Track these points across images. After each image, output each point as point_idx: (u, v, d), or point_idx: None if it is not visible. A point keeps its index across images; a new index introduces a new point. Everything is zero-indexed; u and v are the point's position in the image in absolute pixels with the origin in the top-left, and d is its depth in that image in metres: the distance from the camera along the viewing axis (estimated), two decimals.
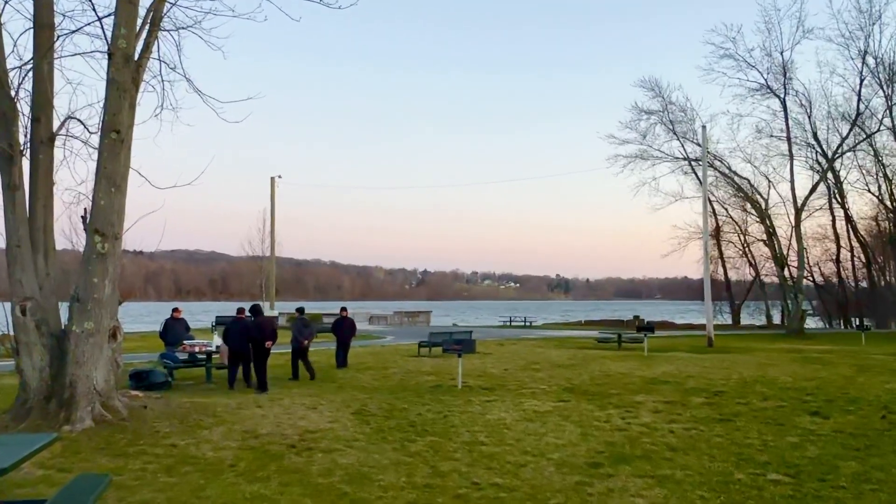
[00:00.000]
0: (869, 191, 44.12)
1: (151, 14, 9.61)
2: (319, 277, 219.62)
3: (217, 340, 14.64)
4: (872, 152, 40.75)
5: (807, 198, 39.27)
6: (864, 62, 36.81)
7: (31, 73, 9.44)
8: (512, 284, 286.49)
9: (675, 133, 42.36)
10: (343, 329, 17.26)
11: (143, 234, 11.62)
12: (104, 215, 8.95)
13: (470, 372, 15.29)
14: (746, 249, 47.47)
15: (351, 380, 14.29)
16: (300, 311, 15.97)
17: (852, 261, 46.44)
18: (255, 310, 13.17)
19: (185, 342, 14.66)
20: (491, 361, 18.13)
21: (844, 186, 43.18)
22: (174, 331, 15.27)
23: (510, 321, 48.38)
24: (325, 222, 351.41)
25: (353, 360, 18.00)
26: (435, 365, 17.16)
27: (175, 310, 15.80)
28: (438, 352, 20.40)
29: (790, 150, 38.53)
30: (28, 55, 9.50)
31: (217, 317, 41.01)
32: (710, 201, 38.74)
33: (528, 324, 46.53)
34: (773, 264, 42.37)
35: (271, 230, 37.66)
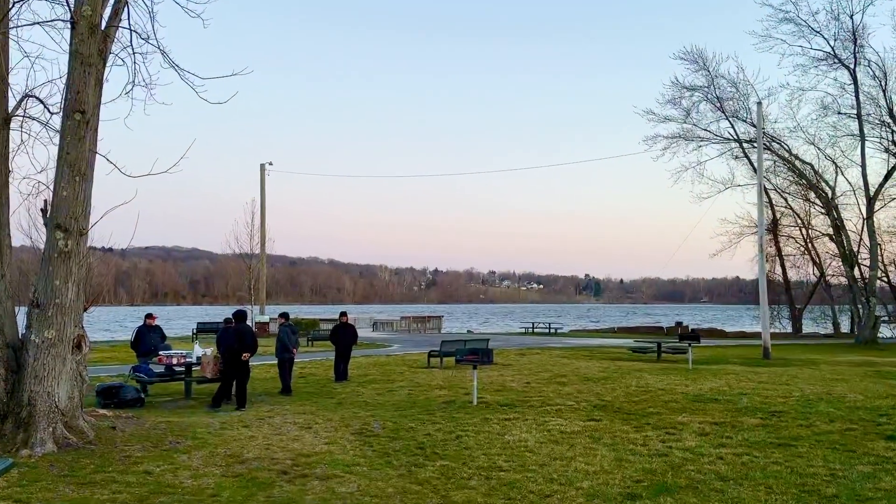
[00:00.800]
0: None
1: None
2: (316, 278, 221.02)
3: (198, 350, 14.68)
4: None
5: (881, 185, 38.74)
6: None
7: None
8: (535, 286, 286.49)
9: (723, 111, 41.99)
10: (343, 337, 17.31)
11: (113, 229, 11.63)
12: (67, 207, 8.97)
13: (487, 386, 15.25)
14: (809, 245, 46.93)
15: (351, 395, 14.30)
16: (285, 316, 16.05)
17: None
18: (239, 316, 13.20)
19: (160, 353, 14.73)
20: (511, 374, 18.08)
21: None
22: (148, 340, 15.35)
23: (532, 328, 48.33)
24: (322, 216, 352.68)
25: (354, 372, 18.04)
26: (447, 378, 17.15)
27: (149, 316, 15.90)
28: (451, 363, 20.40)
29: (861, 130, 38.04)
30: None
31: (199, 323, 41.37)
32: (766, 190, 38.29)
33: (552, 331, 46.42)
34: (840, 263, 41.90)
35: (261, 224, 37.85)
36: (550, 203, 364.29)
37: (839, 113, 39.48)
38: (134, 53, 10.21)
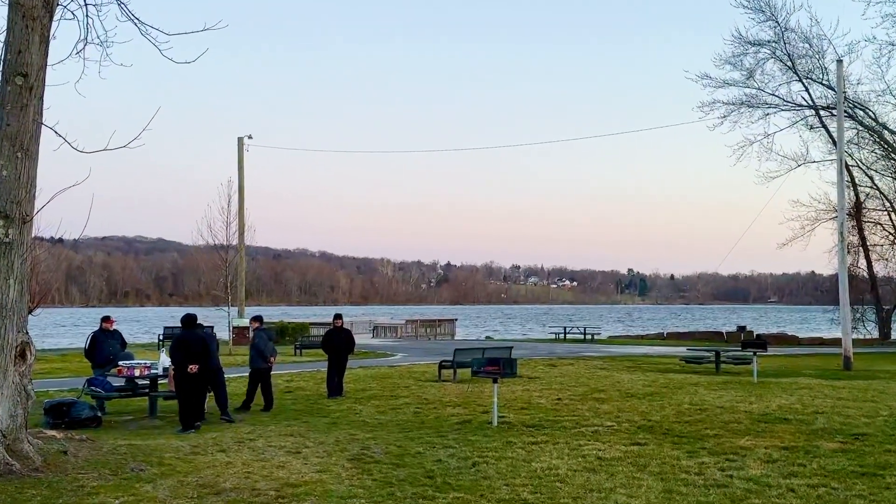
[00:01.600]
0: None
1: None
2: (305, 274, 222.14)
3: (165, 360, 14.76)
4: None
5: None
6: None
7: None
8: (567, 283, 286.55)
9: (795, 72, 41.59)
10: (337, 344, 17.36)
11: (63, 216, 11.69)
12: (7, 190, 9.02)
13: (510, 403, 15.27)
14: None
15: (347, 413, 14.36)
16: (259, 319, 16.08)
17: None
18: (186, 320, 13.28)
19: (120, 363, 14.81)
20: (538, 388, 18.10)
21: None
22: (105, 347, 15.41)
23: (564, 333, 48.31)
24: (312, 200, 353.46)
25: (350, 385, 18.11)
26: (461, 393, 17.18)
27: (106, 319, 15.96)
28: (466, 375, 20.40)
29: None
30: None
31: (166, 328, 41.59)
32: (847, 166, 37.96)
33: (588, 337, 46.39)
34: None
35: (239, 210, 37.89)
36: (586, 185, 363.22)
37: None
38: (86, 5, 10.26)
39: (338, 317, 18.19)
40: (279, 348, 34.79)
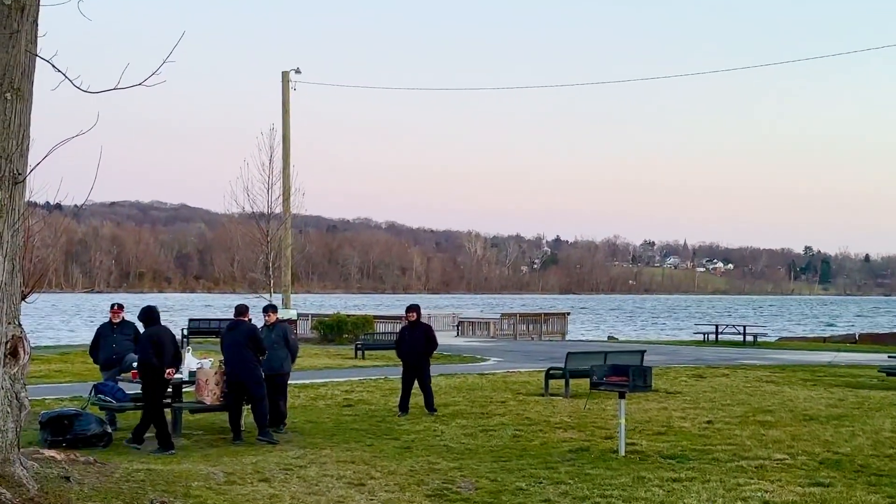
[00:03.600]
0: None
1: None
2: (369, 251, 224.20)
3: (192, 362, 14.97)
4: None
5: None
6: None
7: None
8: (720, 265, 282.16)
9: None
10: (411, 344, 17.39)
11: (63, 175, 11.92)
12: None
13: (642, 425, 15.19)
14: None
15: (425, 434, 14.51)
16: (273, 309, 15.83)
17: None
18: (148, 315, 13.68)
19: (134, 365, 15.12)
20: (680, 407, 17.95)
21: None
22: (110, 343, 15.61)
23: (716, 333, 47.61)
24: (378, 155, 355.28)
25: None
26: (576, 411, 17.14)
27: (115, 308, 16.21)
28: (584, 387, 20.29)
29: None
30: None
31: (191, 320, 42.51)
32: None
33: (750, 339, 45.57)
34: None
35: (284, 167, 38.21)
36: (746, 133, 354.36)
37: None
38: None
39: (411, 309, 17.95)
40: (336, 348, 35.59)
